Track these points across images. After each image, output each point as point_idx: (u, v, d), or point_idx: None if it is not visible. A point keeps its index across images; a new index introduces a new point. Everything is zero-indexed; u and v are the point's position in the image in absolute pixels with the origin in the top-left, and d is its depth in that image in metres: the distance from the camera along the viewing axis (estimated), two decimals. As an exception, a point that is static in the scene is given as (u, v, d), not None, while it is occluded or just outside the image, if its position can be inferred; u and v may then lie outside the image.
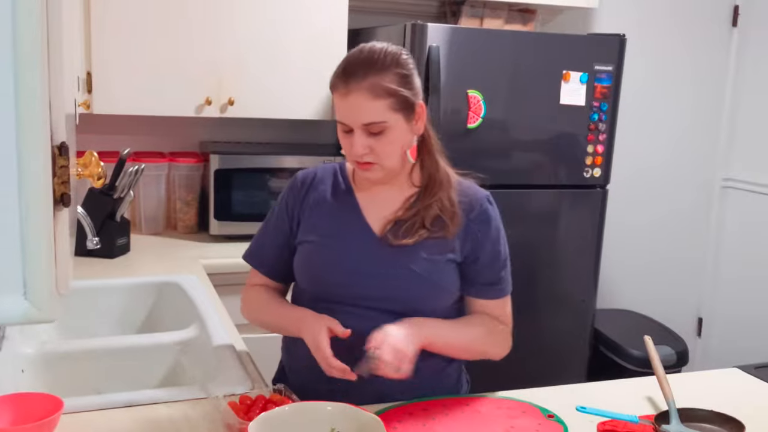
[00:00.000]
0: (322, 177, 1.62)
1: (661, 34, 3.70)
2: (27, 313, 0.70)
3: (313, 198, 1.60)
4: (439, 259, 1.52)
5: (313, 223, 1.58)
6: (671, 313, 3.83)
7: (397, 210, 1.55)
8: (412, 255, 1.51)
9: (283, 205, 1.63)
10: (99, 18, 2.59)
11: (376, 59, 1.43)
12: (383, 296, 1.51)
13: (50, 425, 1.29)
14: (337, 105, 1.45)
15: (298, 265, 1.59)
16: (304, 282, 1.60)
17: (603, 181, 2.96)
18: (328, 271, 1.54)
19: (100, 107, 2.65)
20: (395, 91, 1.43)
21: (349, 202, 1.58)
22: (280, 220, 1.63)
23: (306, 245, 1.58)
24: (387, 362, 1.37)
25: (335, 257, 1.54)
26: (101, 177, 0.99)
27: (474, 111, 2.71)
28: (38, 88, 0.66)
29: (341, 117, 1.45)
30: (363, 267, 1.52)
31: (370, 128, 1.43)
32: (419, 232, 1.51)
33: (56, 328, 2.10)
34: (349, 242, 1.54)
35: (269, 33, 2.80)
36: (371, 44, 1.47)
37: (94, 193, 2.59)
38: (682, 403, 1.50)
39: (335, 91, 1.45)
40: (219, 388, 1.48)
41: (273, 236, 1.64)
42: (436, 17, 3.34)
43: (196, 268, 2.49)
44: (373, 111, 1.42)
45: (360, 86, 1.41)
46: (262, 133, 3.22)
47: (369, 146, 1.45)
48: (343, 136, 1.48)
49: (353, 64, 1.43)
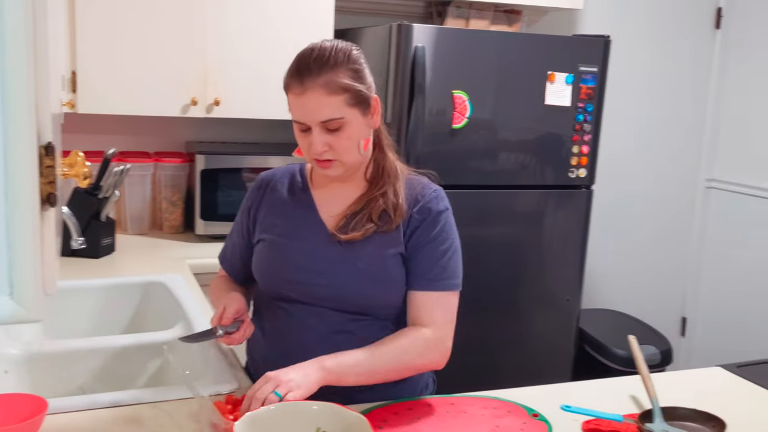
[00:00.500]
0: (281, 177, 1.65)
1: (645, 36, 3.73)
2: (14, 313, 0.70)
3: (270, 198, 1.62)
4: (386, 254, 1.52)
5: (269, 223, 1.60)
6: (655, 313, 3.86)
7: (350, 205, 1.56)
8: (359, 251, 1.51)
9: (244, 207, 1.67)
10: (83, 16, 2.58)
11: (328, 56, 1.44)
12: (333, 295, 1.51)
13: (35, 426, 1.28)
14: (293, 104, 1.46)
15: (254, 264, 1.62)
16: (259, 281, 1.62)
17: (588, 182, 2.98)
18: (278, 269, 1.56)
19: (85, 107, 2.64)
20: (350, 86, 1.44)
21: (304, 201, 1.60)
22: (241, 221, 1.67)
23: (261, 244, 1.60)
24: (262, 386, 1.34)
25: (285, 255, 1.55)
26: (87, 177, 0.99)
27: (459, 111, 2.72)
28: (25, 88, 0.66)
29: (298, 116, 1.46)
30: (312, 264, 1.53)
31: (328, 125, 1.44)
32: (366, 226, 1.52)
33: (41, 329, 2.09)
34: (300, 240, 1.55)
35: (255, 33, 2.79)
36: (321, 42, 1.48)
37: (80, 193, 2.58)
38: (666, 402, 1.51)
39: (290, 91, 1.46)
40: (205, 388, 1.48)
41: (235, 238, 1.69)
42: (422, 18, 3.35)
43: (182, 268, 2.48)
44: (329, 107, 1.43)
45: (315, 83, 1.42)
46: (248, 134, 3.22)
47: (328, 143, 1.46)
48: (300, 136, 1.49)
49: (306, 62, 1.44)
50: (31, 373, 1.71)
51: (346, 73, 1.44)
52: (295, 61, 1.48)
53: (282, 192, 1.62)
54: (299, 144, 1.52)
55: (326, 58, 1.43)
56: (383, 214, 1.53)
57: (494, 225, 2.88)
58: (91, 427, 1.38)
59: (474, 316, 2.86)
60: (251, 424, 1.23)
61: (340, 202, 1.57)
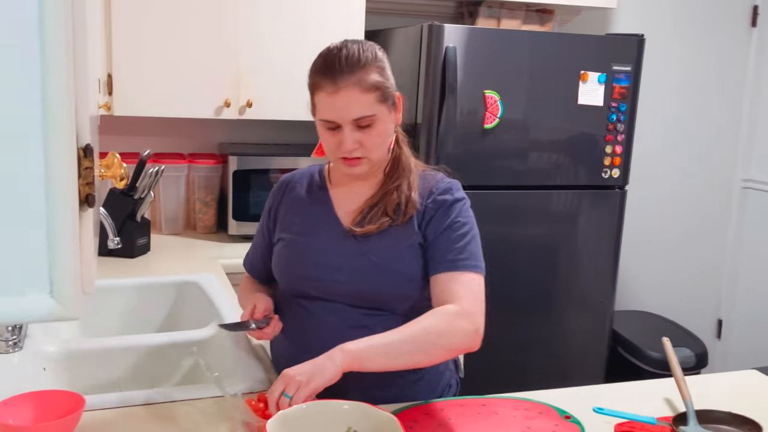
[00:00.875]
0: (300, 178, 1.69)
1: (680, 35, 3.68)
2: (53, 310, 0.72)
3: (289, 198, 1.66)
4: (402, 246, 1.52)
5: (288, 222, 1.64)
6: (690, 315, 3.81)
7: (366, 201, 1.58)
8: (374, 245, 1.53)
9: (265, 209, 1.71)
10: (119, 20, 2.62)
11: (359, 55, 1.46)
12: (350, 290, 1.52)
13: (72, 422, 1.30)
14: (325, 103, 1.47)
15: (273, 263, 1.66)
16: (279, 280, 1.66)
17: (621, 182, 2.95)
18: (296, 266, 1.59)
19: (121, 109, 2.68)
20: (380, 83, 1.47)
21: (321, 199, 1.62)
22: (263, 223, 1.72)
23: (280, 243, 1.64)
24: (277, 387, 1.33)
25: (302, 253, 1.58)
26: (124, 178, 1.00)
27: (491, 111, 2.71)
28: (64, 91, 0.68)
29: (329, 115, 1.47)
30: (328, 260, 1.55)
31: (360, 122, 1.46)
32: (381, 219, 1.53)
33: (77, 327, 2.13)
34: (317, 237, 1.58)
35: (287, 35, 2.81)
36: (344, 43, 1.50)
37: (115, 194, 2.62)
38: (700, 405, 1.49)
39: (320, 90, 1.47)
40: (237, 387, 1.49)
41: (258, 240, 1.74)
42: (453, 18, 3.34)
43: (215, 268, 2.51)
44: (363, 105, 1.45)
45: (348, 82, 1.44)
46: (279, 135, 3.24)
47: (358, 141, 1.48)
48: (328, 135, 1.50)
49: (336, 62, 1.45)
50: (68, 370, 1.74)
51: (376, 71, 1.47)
52: (321, 61, 1.49)
53: (301, 192, 1.66)
54: (325, 143, 1.53)
55: (357, 57, 1.46)
56: (397, 207, 1.55)
57: (527, 226, 2.87)
58: (125, 425, 1.41)
59: (506, 316, 2.85)
60: (283, 422, 1.24)
61: (356, 199, 1.59)
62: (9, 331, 1.67)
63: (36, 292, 0.71)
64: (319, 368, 1.32)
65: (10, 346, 1.66)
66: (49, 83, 0.67)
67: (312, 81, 1.50)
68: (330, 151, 1.53)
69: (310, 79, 1.51)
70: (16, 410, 1.31)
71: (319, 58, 1.50)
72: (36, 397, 1.36)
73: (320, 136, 1.53)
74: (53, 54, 0.67)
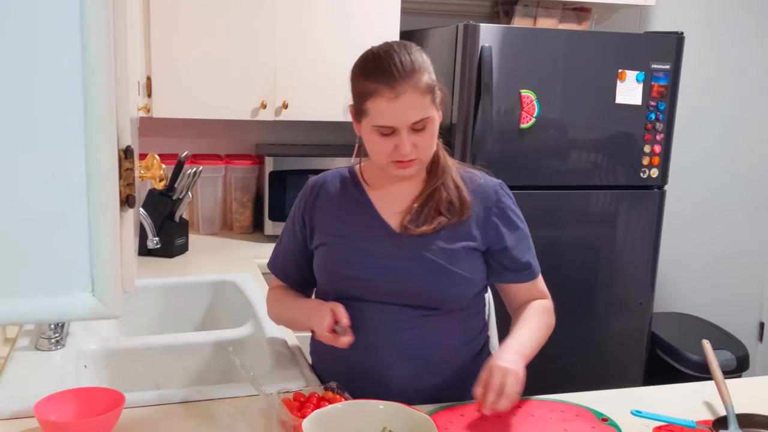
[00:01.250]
0: (331, 180, 1.65)
1: (720, 32, 3.62)
2: (94, 309, 0.73)
3: (323, 201, 1.62)
4: (457, 247, 1.53)
5: (327, 225, 1.60)
6: (731, 317, 3.74)
7: (412, 201, 1.57)
8: (429, 245, 1.52)
9: (295, 213, 1.67)
10: (158, 23, 2.66)
11: (412, 60, 1.45)
12: (403, 289, 1.52)
13: (113, 419, 1.33)
14: (383, 109, 1.44)
15: (317, 267, 1.62)
16: (325, 283, 1.62)
17: (660, 182, 2.91)
18: (345, 269, 1.56)
19: (160, 111, 2.72)
20: (433, 85, 1.47)
21: (361, 201, 1.60)
22: (293, 228, 1.67)
23: (322, 247, 1.60)
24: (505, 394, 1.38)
25: (351, 255, 1.56)
26: (163, 179, 1.02)
27: (527, 111, 2.69)
28: (105, 92, 0.69)
29: (387, 121, 1.45)
30: (381, 261, 1.53)
31: (416, 125, 1.46)
32: (437, 219, 1.53)
33: (117, 325, 2.16)
34: (364, 239, 1.56)
35: (323, 36, 2.83)
36: (388, 46, 1.48)
37: (154, 195, 2.66)
38: (741, 409, 1.46)
39: (378, 97, 1.44)
40: (273, 385, 1.51)
41: (287, 244, 1.69)
42: (489, 17, 3.33)
43: (251, 267, 2.53)
44: (421, 108, 1.45)
45: (407, 86, 1.43)
46: (315, 135, 3.26)
47: (414, 143, 1.47)
48: (380, 140, 1.48)
49: (393, 67, 1.44)
50: (108, 367, 1.77)
51: (427, 73, 1.47)
52: (373, 67, 1.46)
53: (335, 194, 1.62)
54: (375, 147, 1.50)
55: (410, 61, 1.45)
56: (450, 206, 1.55)
57: (564, 226, 2.84)
58: (164, 422, 1.43)
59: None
60: (319, 421, 1.24)
61: (401, 199, 1.58)
62: (51, 329, 1.71)
63: (78, 290, 0.73)
64: (521, 367, 1.41)
65: (53, 343, 1.70)
66: (91, 85, 0.68)
67: (365, 87, 1.46)
68: (380, 154, 1.50)
69: (360, 86, 1.48)
70: (58, 407, 1.34)
71: (370, 64, 1.47)
72: (77, 394, 1.38)
73: (369, 140, 1.50)
74: (95, 56, 0.68)
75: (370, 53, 1.49)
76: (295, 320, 1.66)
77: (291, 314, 1.66)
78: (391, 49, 1.47)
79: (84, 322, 1.84)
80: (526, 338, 1.51)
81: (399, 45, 1.49)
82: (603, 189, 2.86)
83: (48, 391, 1.37)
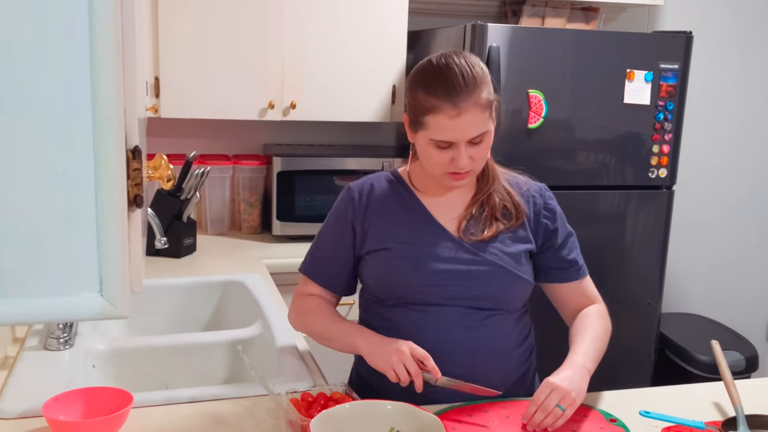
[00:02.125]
0: (378, 185, 1.62)
1: (729, 30, 3.60)
2: (102, 309, 0.73)
3: (375, 207, 1.59)
4: (518, 251, 1.57)
5: (384, 231, 1.58)
6: (740, 318, 3.72)
7: (467, 207, 1.59)
8: (492, 249, 1.55)
9: (340, 218, 1.61)
10: (166, 24, 2.67)
11: (473, 74, 1.44)
12: (470, 294, 1.53)
13: (121, 418, 1.33)
14: (445, 125, 1.44)
15: (373, 273, 1.59)
16: (381, 290, 1.59)
17: (669, 182, 2.89)
18: (411, 275, 1.54)
19: (168, 111, 2.72)
20: (492, 99, 1.48)
21: (416, 208, 1.59)
22: (339, 232, 1.61)
23: (380, 253, 1.57)
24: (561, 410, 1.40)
25: (417, 261, 1.54)
26: (171, 179, 1.02)
27: (535, 111, 2.69)
28: (114, 93, 0.69)
29: (447, 136, 1.45)
30: (446, 266, 1.54)
31: (474, 139, 1.46)
32: (495, 224, 1.56)
33: (125, 325, 2.17)
34: (427, 245, 1.55)
35: (330, 37, 2.83)
36: (449, 58, 1.46)
37: (162, 195, 2.66)
38: (751, 410, 1.46)
39: (439, 113, 1.43)
40: (281, 385, 1.51)
41: (330, 248, 1.63)
42: (497, 17, 3.32)
43: (260, 268, 2.54)
44: (481, 124, 1.46)
45: (470, 103, 1.43)
46: (323, 136, 3.26)
47: (471, 156, 1.48)
48: (438, 152, 1.47)
49: (455, 83, 1.42)
50: (116, 367, 1.78)
51: (486, 87, 1.47)
52: (434, 81, 1.45)
53: (386, 200, 1.60)
54: (431, 159, 1.49)
55: (472, 75, 1.44)
56: (505, 211, 1.58)
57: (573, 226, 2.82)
58: (172, 422, 1.43)
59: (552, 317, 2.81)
60: (327, 421, 1.24)
61: (456, 206, 1.59)
62: (60, 329, 1.71)
63: (86, 291, 0.73)
64: (581, 388, 1.43)
65: (62, 343, 1.70)
66: (99, 86, 0.68)
67: (426, 102, 1.45)
68: (436, 166, 1.50)
69: (420, 99, 1.46)
70: (66, 406, 1.35)
71: (431, 78, 1.46)
72: (86, 393, 1.39)
73: (425, 152, 1.50)
74: (103, 57, 0.68)
75: (430, 65, 1.48)
76: (332, 340, 1.59)
77: (328, 333, 1.60)
78: (451, 61, 1.45)
79: (92, 322, 1.84)
80: (587, 349, 1.53)
81: (459, 56, 1.47)
82: (611, 189, 2.85)
83: (56, 391, 1.37)
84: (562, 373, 1.44)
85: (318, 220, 2.98)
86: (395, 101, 2.92)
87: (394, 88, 2.91)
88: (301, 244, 2.87)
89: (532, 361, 1.68)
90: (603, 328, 1.62)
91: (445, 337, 1.53)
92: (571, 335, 1.60)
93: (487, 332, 1.55)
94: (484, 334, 1.55)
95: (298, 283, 1.70)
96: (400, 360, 1.43)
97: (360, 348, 1.52)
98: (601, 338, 1.60)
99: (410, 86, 1.50)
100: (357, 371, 1.70)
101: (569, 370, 1.45)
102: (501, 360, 1.57)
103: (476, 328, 1.54)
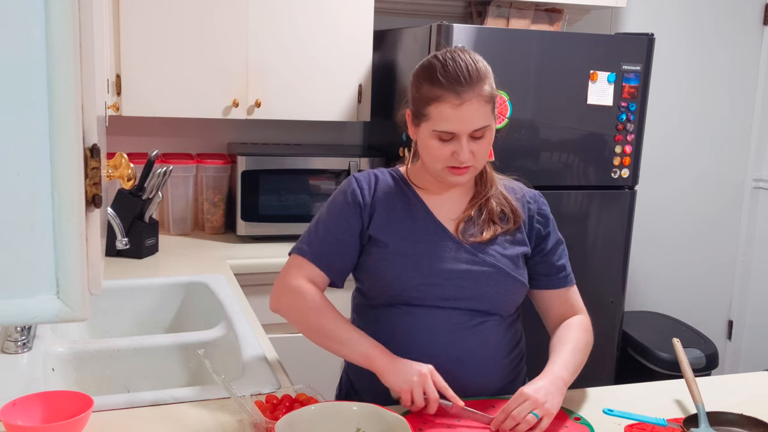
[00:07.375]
0: (383, 179, 1.62)
1: (690, 34, 3.66)
2: (60, 312, 0.72)
3: (381, 198, 1.59)
4: (514, 254, 1.58)
5: (386, 225, 1.56)
6: (701, 316, 3.78)
7: (466, 210, 1.59)
8: (490, 251, 1.56)
9: (348, 203, 1.57)
10: (128, 21, 2.63)
11: (477, 67, 1.48)
12: (467, 294, 1.53)
13: (81, 423, 1.31)
14: (446, 115, 1.46)
15: (371, 270, 1.57)
16: (377, 287, 1.57)
17: (631, 182, 2.93)
18: (408, 273, 1.53)
19: (129, 109, 2.68)
20: (494, 94, 1.51)
21: (416, 205, 1.59)
22: (345, 216, 1.56)
23: (380, 249, 1.55)
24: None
25: (415, 259, 1.54)
26: (131, 178, 1.00)
27: (500, 111, 2.70)
28: (71, 90, 0.67)
29: (449, 127, 1.46)
30: (445, 266, 1.53)
31: (476, 133, 1.48)
32: (493, 227, 1.57)
33: (86, 328, 2.13)
34: (427, 244, 1.55)
35: (296, 35, 2.81)
36: (453, 53, 1.50)
37: (124, 194, 2.62)
38: (711, 407, 1.48)
39: (443, 102, 1.45)
40: (246, 388, 1.49)
41: (335, 232, 1.56)
42: (462, 18, 3.34)
43: (224, 269, 2.51)
44: (483, 116, 1.48)
45: (473, 94, 1.45)
46: (288, 135, 3.24)
47: (472, 151, 1.49)
48: (439, 145, 1.49)
49: (460, 74, 1.45)
50: (77, 371, 1.75)
51: (488, 82, 1.50)
52: (439, 73, 1.47)
53: (390, 194, 1.60)
54: (431, 152, 1.50)
55: (476, 68, 1.48)
56: (502, 215, 1.59)
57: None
58: (134, 425, 1.41)
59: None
60: (292, 423, 1.23)
61: (455, 206, 1.60)
62: (18, 332, 1.67)
63: (43, 293, 0.71)
64: (555, 399, 1.42)
65: (20, 346, 1.67)
66: (55, 82, 0.66)
67: (430, 92, 1.47)
68: (437, 159, 1.50)
69: (424, 90, 1.48)
70: (25, 411, 1.32)
71: (436, 69, 1.48)
72: (45, 397, 1.36)
73: (426, 144, 1.50)
74: (59, 51, 0.66)
75: (435, 59, 1.51)
76: (335, 343, 1.52)
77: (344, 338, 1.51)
78: (456, 56, 1.49)
79: (51, 325, 1.81)
80: (566, 360, 1.52)
81: (463, 51, 1.52)
82: (574, 189, 2.88)
83: (14, 395, 1.34)
84: (538, 383, 1.43)
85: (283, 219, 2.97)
86: (361, 100, 2.92)
87: (360, 88, 2.91)
88: (266, 244, 2.85)
89: (522, 367, 1.68)
90: (584, 340, 1.60)
91: (435, 342, 1.52)
92: (552, 345, 1.60)
93: (478, 338, 1.55)
94: (474, 340, 1.54)
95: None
96: (421, 383, 1.41)
97: (375, 361, 1.46)
98: (582, 351, 1.58)
99: (415, 80, 1.53)
100: (347, 374, 1.70)
101: (545, 381, 1.44)
102: (489, 367, 1.57)
103: (467, 333, 1.54)
